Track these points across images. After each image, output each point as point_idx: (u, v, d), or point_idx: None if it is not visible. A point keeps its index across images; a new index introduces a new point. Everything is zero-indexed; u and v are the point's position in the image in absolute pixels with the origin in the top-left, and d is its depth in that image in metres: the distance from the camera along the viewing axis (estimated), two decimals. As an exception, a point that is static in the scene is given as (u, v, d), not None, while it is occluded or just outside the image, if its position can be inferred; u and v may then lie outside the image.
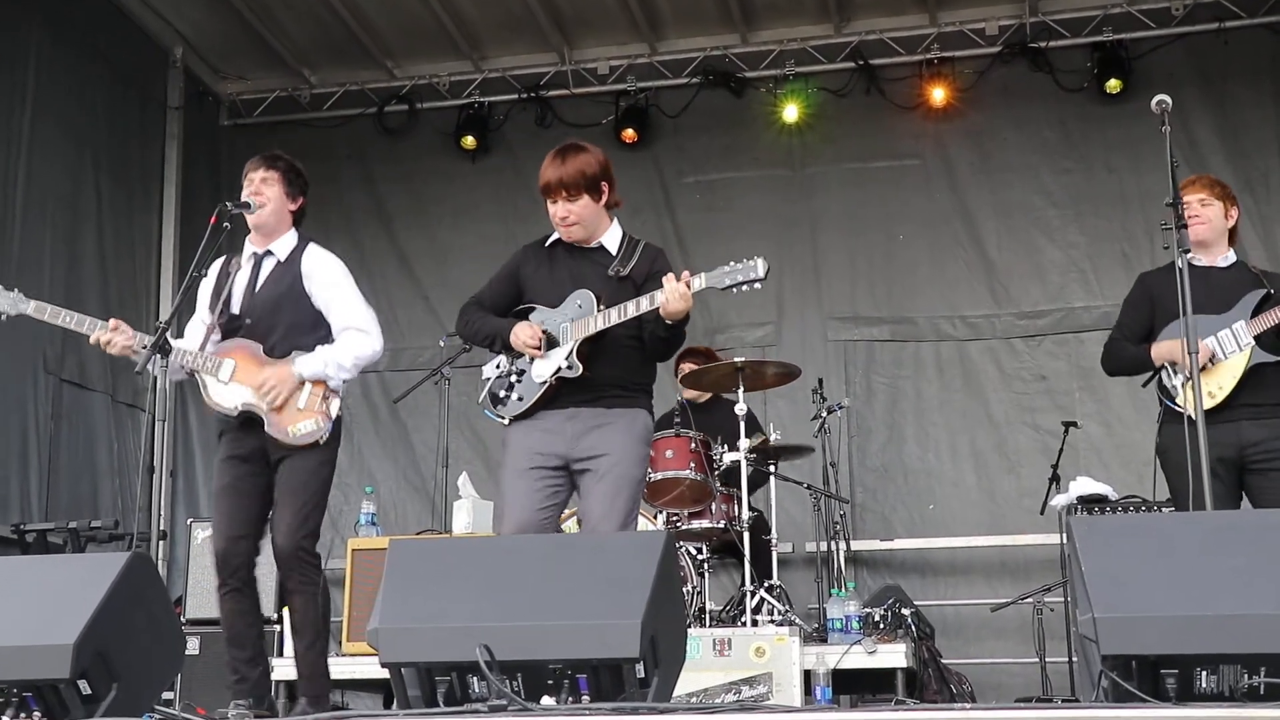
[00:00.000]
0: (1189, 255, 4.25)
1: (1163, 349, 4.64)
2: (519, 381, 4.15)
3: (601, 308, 4.04)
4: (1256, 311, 4.55)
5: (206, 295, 4.57)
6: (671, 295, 3.90)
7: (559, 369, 4.05)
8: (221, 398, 4.39)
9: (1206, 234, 4.65)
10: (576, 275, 4.15)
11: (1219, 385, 4.52)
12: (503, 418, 4.17)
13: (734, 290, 4.02)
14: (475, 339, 4.33)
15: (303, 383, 4.36)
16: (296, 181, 4.56)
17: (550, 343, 4.09)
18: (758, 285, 4.01)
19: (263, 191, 4.48)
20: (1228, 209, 4.73)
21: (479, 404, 4.30)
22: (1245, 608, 2.68)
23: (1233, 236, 4.79)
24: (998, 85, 8.32)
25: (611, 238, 4.23)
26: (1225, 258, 4.72)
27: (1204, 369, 4.42)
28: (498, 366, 4.24)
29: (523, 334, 4.09)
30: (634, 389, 4.16)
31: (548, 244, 4.28)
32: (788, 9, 8.40)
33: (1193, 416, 4.20)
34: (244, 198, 4.47)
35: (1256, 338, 4.51)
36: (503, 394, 4.17)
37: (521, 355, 4.14)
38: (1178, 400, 4.53)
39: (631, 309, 4.00)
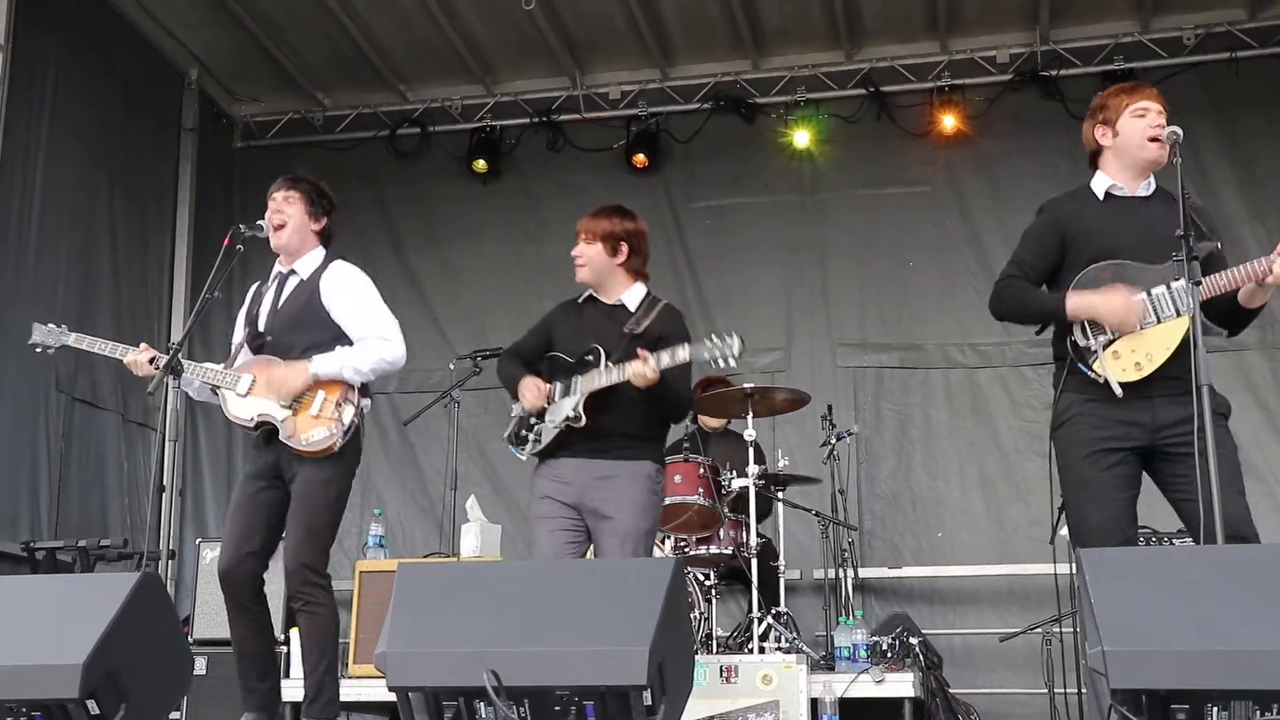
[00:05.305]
0: (1118, 188, 3.96)
1: (1084, 303, 3.80)
2: (537, 422, 4.43)
3: (608, 364, 4.28)
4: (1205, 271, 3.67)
5: (243, 316, 4.69)
6: (632, 374, 4.17)
7: (567, 418, 4.30)
8: (239, 409, 4.47)
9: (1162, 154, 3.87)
10: (597, 330, 4.42)
11: (1147, 355, 3.71)
12: (521, 455, 4.48)
13: (712, 364, 4.27)
14: (505, 386, 4.63)
15: (318, 384, 4.39)
16: (320, 202, 4.63)
17: (566, 390, 4.35)
18: (732, 363, 4.25)
19: (284, 210, 4.55)
20: (1094, 128, 4.06)
21: (504, 439, 4.56)
22: (1258, 643, 2.66)
23: (1095, 159, 4.13)
24: (1008, 113, 8.33)
25: (632, 296, 4.48)
26: (1146, 185, 3.94)
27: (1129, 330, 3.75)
28: (523, 408, 4.49)
29: (527, 394, 4.40)
30: (640, 441, 4.38)
31: (580, 300, 4.56)
32: (799, 35, 8.43)
33: (1114, 387, 3.66)
34: (267, 218, 4.54)
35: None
36: (523, 433, 4.46)
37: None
38: (1094, 367, 3.76)
39: (615, 375, 4.25)
